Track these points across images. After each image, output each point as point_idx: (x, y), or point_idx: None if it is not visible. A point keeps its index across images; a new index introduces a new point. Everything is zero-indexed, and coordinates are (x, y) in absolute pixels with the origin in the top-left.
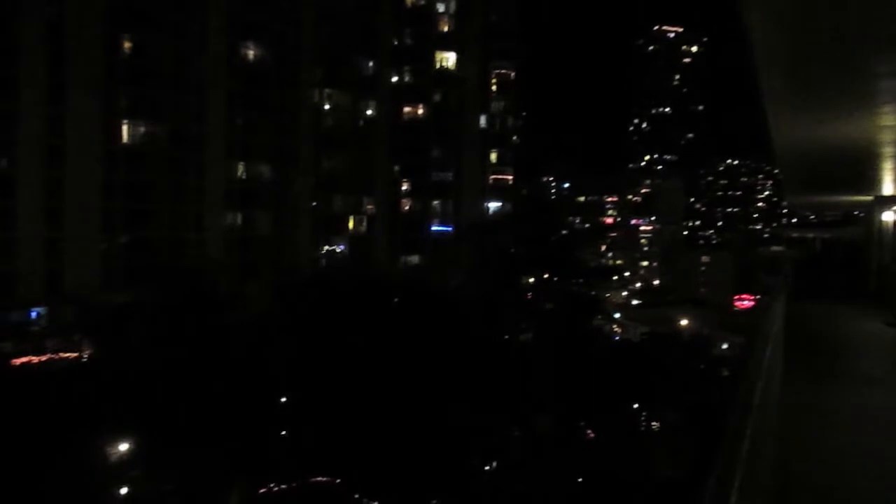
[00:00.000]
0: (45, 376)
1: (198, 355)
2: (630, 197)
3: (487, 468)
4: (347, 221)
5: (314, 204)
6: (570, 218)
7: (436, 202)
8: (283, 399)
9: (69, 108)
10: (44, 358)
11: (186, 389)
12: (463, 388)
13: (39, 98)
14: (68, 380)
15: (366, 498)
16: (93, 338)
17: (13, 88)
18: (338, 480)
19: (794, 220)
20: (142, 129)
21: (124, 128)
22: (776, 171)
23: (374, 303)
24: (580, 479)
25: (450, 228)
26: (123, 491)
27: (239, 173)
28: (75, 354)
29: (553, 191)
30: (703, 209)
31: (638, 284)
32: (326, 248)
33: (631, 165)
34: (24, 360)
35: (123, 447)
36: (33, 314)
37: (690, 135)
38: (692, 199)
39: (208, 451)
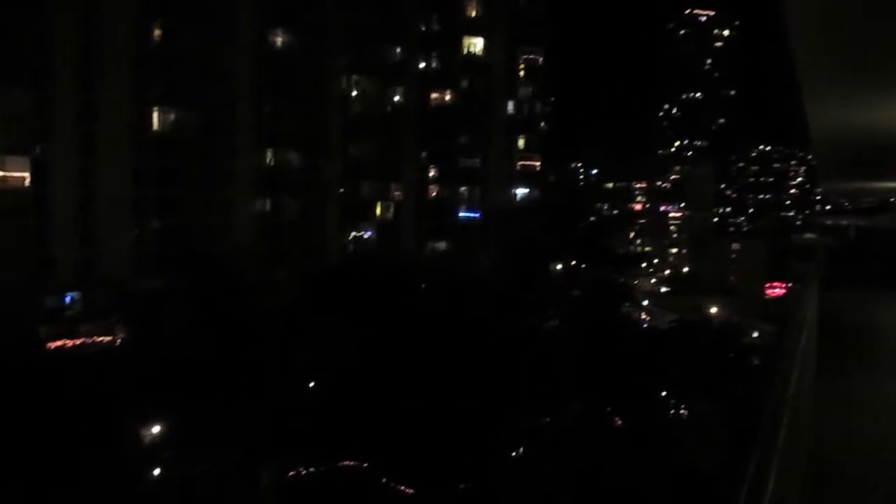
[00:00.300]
0: (79, 360)
1: (228, 341)
2: (659, 183)
3: (514, 454)
4: (375, 208)
5: (341, 190)
6: (599, 204)
7: (463, 188)
8: (312, 384)
9: (101, 96)
10: (78, 342)
11: (218, 374)
12: (489, 375)
13: (72, 87)
14: (102, 363)
15: (393, 482)
16: (126, 323)
17: (47, 78)
18: (365, 465)
19: (828, 207)
20: (172, 117)
21: (154, 116)
22: (810, 156)
23: (402, 289)
24: (607, 467)
25: (477, 215)
26: (156, 472)
27: (267, 160)
28: (109, 338)
29: (581, 177)
30: (734, 196)
31: (667, 272)
32: (354, 234)
33: (661, 152)
34: (58, 343)
35: (156, 429)
36: (67, 299)
37: (722, 120)
38: (723, 186)
39: (239, 435)
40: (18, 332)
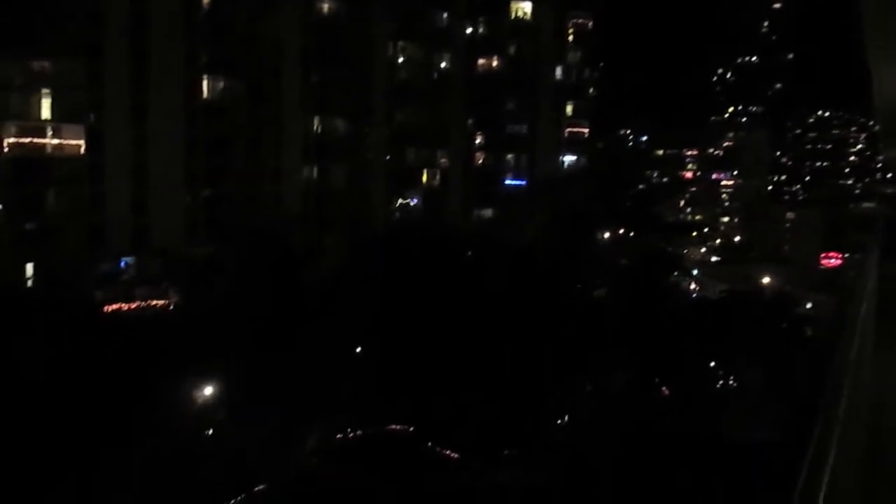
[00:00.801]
0: (134, 323)
1: (276, 307)
2: (711, 150)
3: (559, 422)
4: (421, 175)
5: (388, 157)
6: (648, 172)
7: (510, 156)
8: (358, 350)
9: (152, 66)
10: (133, 305)
11: (267, 339)
12: (535, 343)
13: (124, 56)
14: (156, 327)
15: (438, 447)
16: (178, 288)
17: (98, 48)
18: (411, 429)
19: (889, 176)
20: (221, 86)
21: (204, 84)
22: (871, 123)
23: (447, 257)
24: (652, 438)
25: (524, 182)
26: (208, 433)
27: (314, 128)
28: (162, 303)
29: (630, 144)
30: (790, 164)
31: (718, 241)
32: (400, 201)
33: (714, 118)
34: (114, 307)
35: (208, 392)
36: (122, 264)
37: (778, 85)
38: (778, 153)
39: (287, 398)
40: (76, 295)
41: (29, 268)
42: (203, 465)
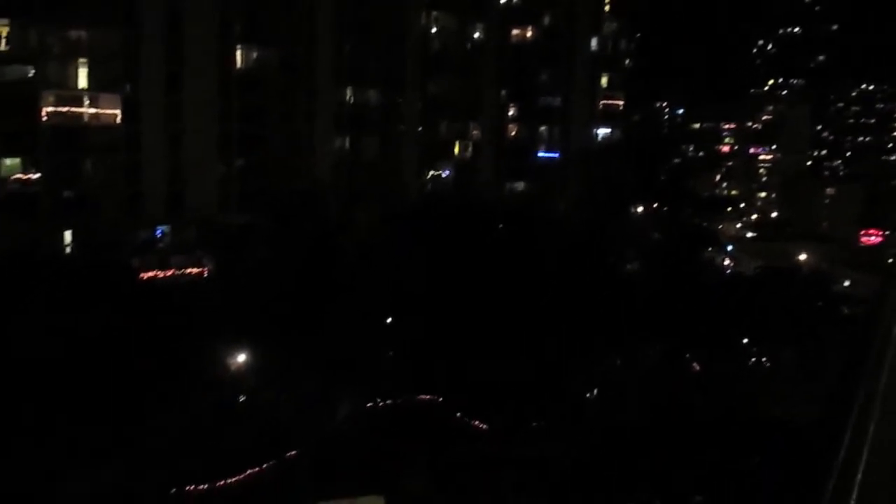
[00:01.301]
0: (170, 290)
1: (309, 276)
2: (749, 124)
3: (588, 396)
4: (453, 146)
5: (420, 129)
6: (684, 146)
7: (543, 128)
8: (389, 320)
9: (186, 35)
10: (169, 273)
11: (299, 308)
12: (566, 316)
13: (159, 26)
14: (191, 294)
15: (467, 417)
16: (213, 256)
17: (134, 18)
18: (441, 399)
19: None
20: (254, 56)
21: (238, 54)
22: None
23: (479, 229)
24: (685, 412)
25: (557, 155)
26: (241, 399)
27: (347, 98)
28: (197, 271)
29: (666, 117)
30: (831, 138)
31: (754, 216)
32: (432, 173)
33: (753, 90)
34: (150, 274)
35: (241, 358)
36: (158, 232)
37: (821, 58)
38: (819, 128)
39: (319, 366)
40: (115, 262)
41: (66, 235)
42: (236, 429)
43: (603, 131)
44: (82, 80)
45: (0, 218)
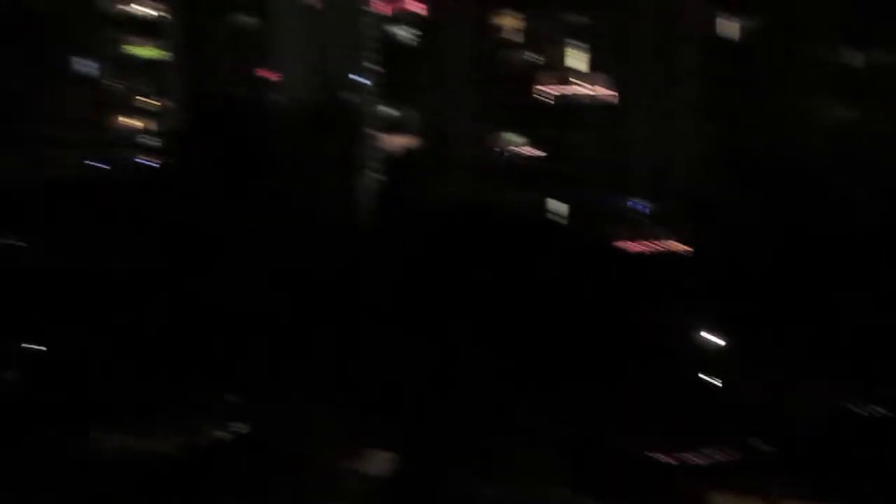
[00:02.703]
0: (651, 262)
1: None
2: None
3: None
4: None
5: None
6: None
7: None
8: None
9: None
10: (651, 245)
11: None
12: None
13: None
14: (672, 268)
15: None
16: (697, 231)
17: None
18: None
19: None
20: (737, 24)
21: (716, 21)
22: None
23: None
24: None
25: None
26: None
27: (849, 61)
28: (681, 246)
29: None
30: None
31: None
32: None
33: None
34: (631, 245)
35: (719, 340)
36: (639, 206)
37: None
38: None
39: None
40: (596, 231)
41: (553, 203)
42: (694, 407)
43: None
44: (573, 61)
45: (507, 188)
